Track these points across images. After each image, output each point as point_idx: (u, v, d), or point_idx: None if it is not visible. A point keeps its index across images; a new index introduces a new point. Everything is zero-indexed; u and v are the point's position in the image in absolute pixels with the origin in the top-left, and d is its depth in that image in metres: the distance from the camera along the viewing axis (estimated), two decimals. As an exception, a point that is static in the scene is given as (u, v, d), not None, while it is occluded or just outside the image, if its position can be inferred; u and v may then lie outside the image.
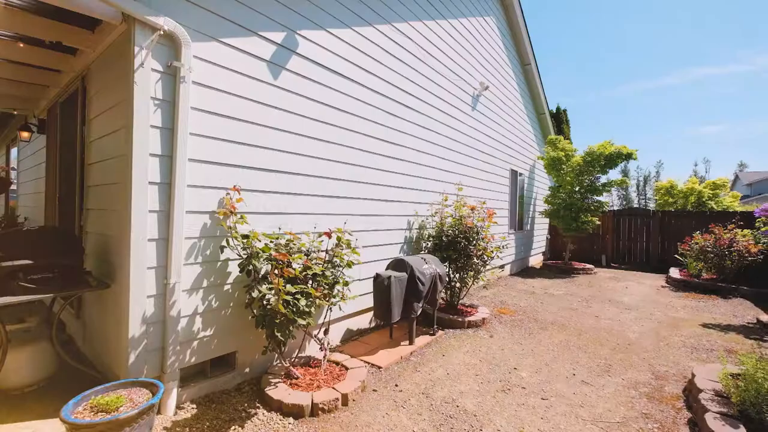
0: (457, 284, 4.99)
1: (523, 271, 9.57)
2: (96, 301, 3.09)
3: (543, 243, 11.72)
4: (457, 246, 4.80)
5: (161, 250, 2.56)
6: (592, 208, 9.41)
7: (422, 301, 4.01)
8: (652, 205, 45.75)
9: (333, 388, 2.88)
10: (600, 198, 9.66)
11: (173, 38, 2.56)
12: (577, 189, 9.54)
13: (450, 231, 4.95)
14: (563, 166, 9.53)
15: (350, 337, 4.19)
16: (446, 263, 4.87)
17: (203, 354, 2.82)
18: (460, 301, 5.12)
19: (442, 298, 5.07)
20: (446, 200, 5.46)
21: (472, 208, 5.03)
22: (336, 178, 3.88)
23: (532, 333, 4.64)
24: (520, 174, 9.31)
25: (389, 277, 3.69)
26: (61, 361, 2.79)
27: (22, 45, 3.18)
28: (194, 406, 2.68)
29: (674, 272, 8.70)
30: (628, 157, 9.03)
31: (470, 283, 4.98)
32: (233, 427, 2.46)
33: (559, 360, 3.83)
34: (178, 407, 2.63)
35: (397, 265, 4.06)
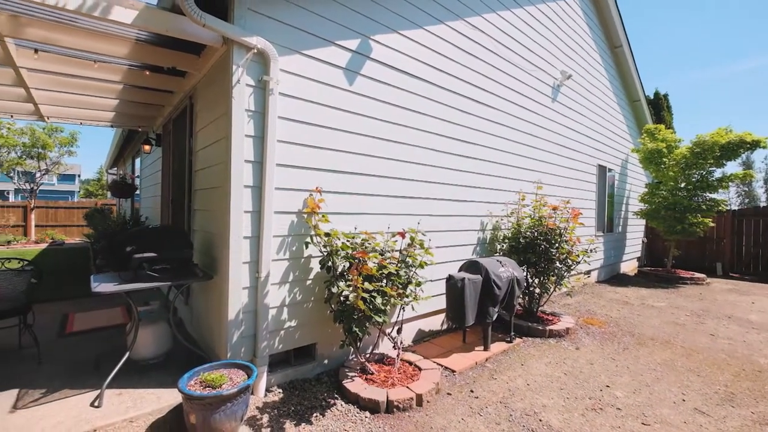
0: (537, 290, 4.65)
1: (614, 278, 8.56)
2: (201, 291, 3.55)
3: (638, 247, 10.36)
4: (536, 249, 4.47)
5: (254, 246, 2.84)
6: (704, 207, 8.03)
7: (498, 305, 3.82)
8: (786, 204, 37.31)
9: (407, 387, 2.89)
10: (714, 195, 8.21)
11: (263, 55, 2.82)
12: (682, 185, 8.25)
13: (528, 232, 4.64)
14: (664, 160, 8.32)
15: (422, 337, 4.18)
16: (523, 267, 4.58)
17: (288, 343, 3.05)
18: (539, 308, 4.77)
19: (520, 304, 4.77)
20: (523, 199, 5.13)
21: (554, 208, 4.64)
22: (408, 178, 3.89)
23: (628, 348, 4.12)
24: (610, 170, 8.35)
25: (463, 279, 3.59)
26: (175, 340, 3.27)
27: (148, 73, 3.79)
28: (280, 390, 2.92)
29: (823, 286, 7.00)
30: (755, 145, 7.53)
31: (552, 290, 4.60)
32: (315, 414, 2.62)
33: (664, 381, 3.34)
34: (267, 390, 2.89)
35: (470, 266, 3.94)
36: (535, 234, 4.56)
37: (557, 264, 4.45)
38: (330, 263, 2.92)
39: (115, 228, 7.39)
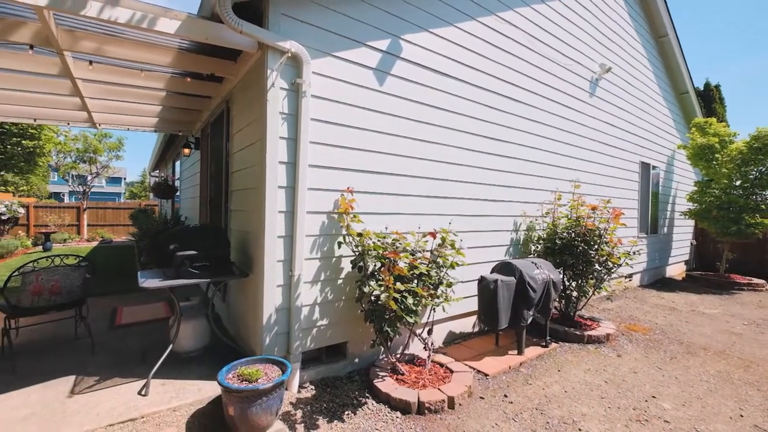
0: (574, 293, 4.45)
1: (658, 282, 8.04)
2: (237, 287, 3.68)
3: (685, 250, 9.67)
4: (574, 250, 4.28)
5: (287, 245, 2.91)
6: (763, 207, 7.37)
7: (533, 308, 3.69)
8: None
9: (438, 389, 2.85)
10: (775, 194, 7.52)
11: (296, 58, 2.88)
12: (738, 183, 7.63)
13: (565, 233, 4.45)
14: (716, 156, 7.72)
15: (453, 339, 4.11)
16: (559, 269, 4.40)
17: (320, 341, 3.10)
18: (577, 313, 4.56)
19: (556, 308, 4.59)
20: (560, 199, 4.93)
21: (593, 208, 4.42)
22: (438, 178, 3.85)
23: (675, 357, 3.85)
24: (654, 167, 7.85)
25: (496, 281, 3.50)
26: (213, 335, 3.41)
27: (189, 80, 3.99)
28: (313, 387, 2.97)
29: None
30: (824, 138, 6.82)
31: (590, 293, 4.39)
32: (347, 412, 2.64)
33: (718, 394, 3.09)
34: (300, 386, 2.95)
35: (503, 268, 3.83)
36: (573, 235, 4.37)
37: (596, 266, 4.23)
38: (361, 263, 2.93)
39: (157, 227, 7.83)
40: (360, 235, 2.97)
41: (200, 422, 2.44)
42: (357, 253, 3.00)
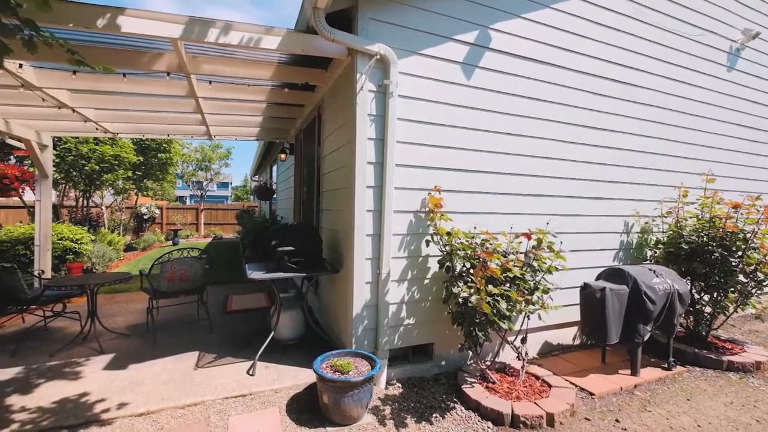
0: (707, 309, 3.68)
1: (830, 301, 6.24)
2: (328, 282, 3.89)
3: None
4: (707, 257, 3.54)
5: (375, 244, 2.96)
6: None
7: (651, 323, 3.16)
8: None
9: (535, 403, 2.61)
10: None
11: (384, 60, 2.91)
12: None
13: (694, 236, 3.71)
14: None
15: (549, 351, 3.75)
16: (686, 279, 3.69)
17: (407, 340, 3.09)
18: (711, 332, 3.76)
19: (681, 325, 3.86)
20: (685, 196, 4.12)
21: (735, 206, 3.60)
22: (533, 174, 3.54)
23: None
24: (823, 153, 6.11)
25: (603, 289, 3.07)
26: (306, 325, 3.66)
27: (287, 90, 4.36)
28: (399, 385, 2.97)
29: None
30: None
31: (731, 310, 3.58)
32: (435, 414, 2.58)
33: None
34: (388, 383, 2.98)
35: (612, 274, 3.35)
36: (705, 238, 3.61)
37: (740, 277, 3.44)
38: (449, 263, 2.84)
39: (258, 226, 8.78)
40: (449, 234, 2.88)
41: (298, 405, 2.62)
42: (444, 253, 2.92)
